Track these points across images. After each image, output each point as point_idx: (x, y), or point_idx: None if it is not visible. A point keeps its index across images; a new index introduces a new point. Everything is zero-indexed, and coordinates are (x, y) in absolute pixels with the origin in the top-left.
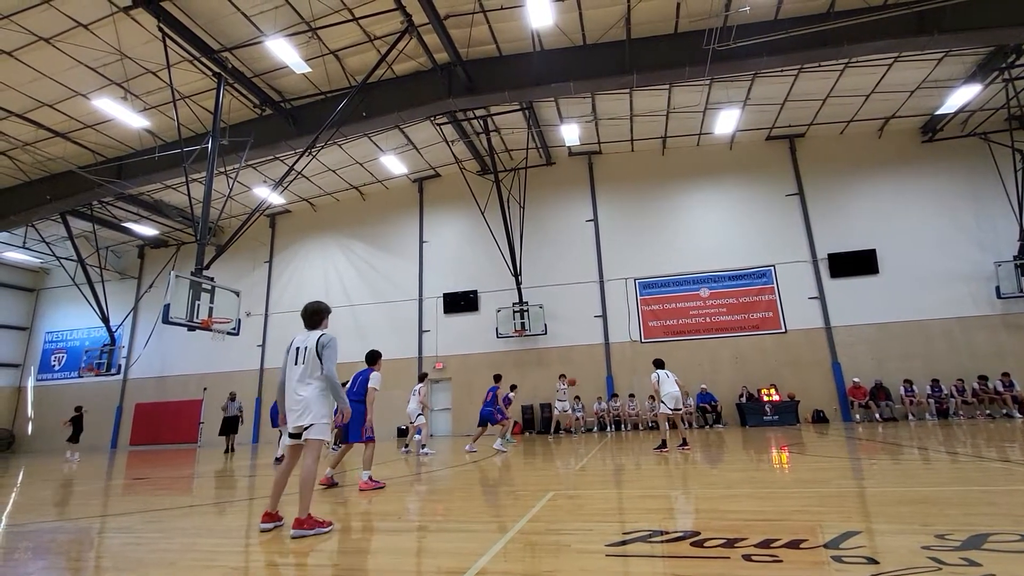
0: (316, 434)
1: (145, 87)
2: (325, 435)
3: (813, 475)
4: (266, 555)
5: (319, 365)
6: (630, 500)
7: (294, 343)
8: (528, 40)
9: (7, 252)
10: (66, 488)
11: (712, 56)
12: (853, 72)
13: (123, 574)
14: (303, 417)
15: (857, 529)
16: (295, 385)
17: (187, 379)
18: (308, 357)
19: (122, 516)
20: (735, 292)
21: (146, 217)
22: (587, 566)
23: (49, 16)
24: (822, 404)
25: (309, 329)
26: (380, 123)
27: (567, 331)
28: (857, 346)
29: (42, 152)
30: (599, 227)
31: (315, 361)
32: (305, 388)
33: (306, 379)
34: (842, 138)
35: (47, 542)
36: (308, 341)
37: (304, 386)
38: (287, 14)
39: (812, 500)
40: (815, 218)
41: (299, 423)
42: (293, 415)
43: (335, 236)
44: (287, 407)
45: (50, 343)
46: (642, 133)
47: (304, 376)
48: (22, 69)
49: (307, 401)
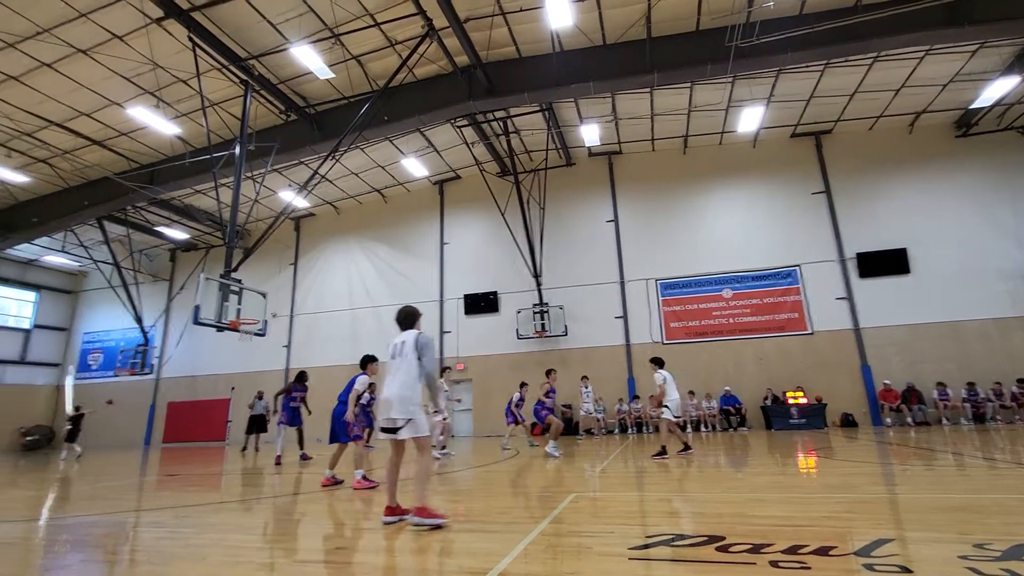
0: (410, 431)
1: (176, 95)
2: (423, 431)
3: (842, 480)
4: (290, 552)
5: (417, 363)
6: (652, 503)
7: (393, 340)
8: (547, 41)
9: (48, 256)
10: (102, 483)
11: (735, 53)
12: (882, 66)
13: (157, 567)
14: (395, 412)
15: (889, 537)
16: (391, 380)
17: (216, 379)
18: (406, 352)
19: (155, 511)
20: (759, 292)
21: (177, 221)
22: (610, 569)
23: (87, 28)
24: (851, 407)
25: (404, 330)
26: (401, 126)
27: (588, 332)
28: (887, 348)
29: (80, 159)
30: (619, 228)
31: (414, 358)
32: (401, 385)
33: (403, 375)
34: (871, 134)
35: (85, 535)
36: (407, 338)
37: (398, 385)
38: (311, 21)
39: (841, 506)
40: (843, 217)
41: (388, 417)
42: (385, 409)
43: (358, 238)
44: (382, 400)
45: (88, 343)
46: (663, 132)
47: (401, 372)
48: (62, 80)
49: (403, 398)
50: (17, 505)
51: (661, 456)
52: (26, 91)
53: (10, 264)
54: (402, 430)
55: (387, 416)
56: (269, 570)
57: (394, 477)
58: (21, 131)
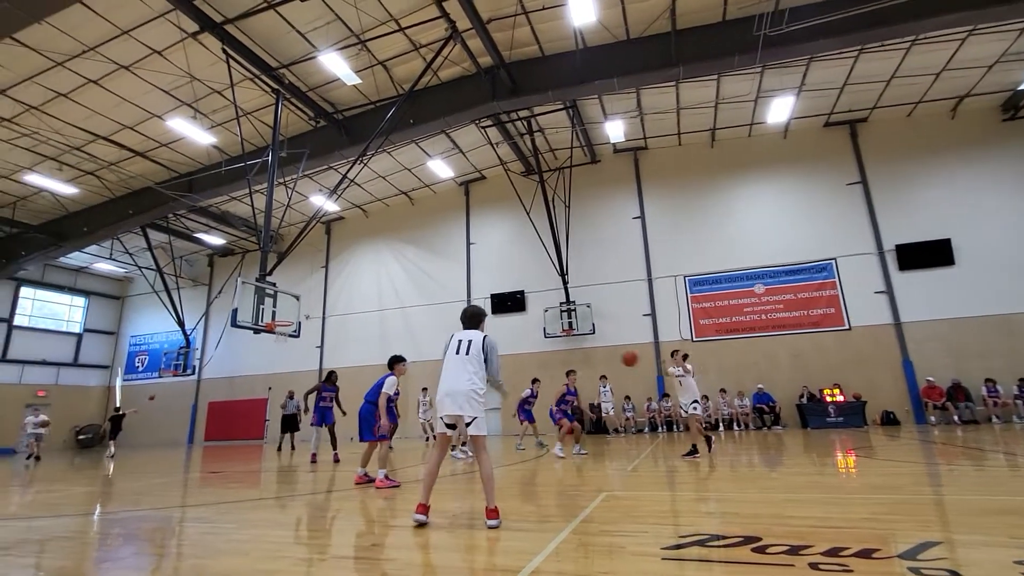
0: (476, 430)
1: (212, 106)
2: (483, 430)
3: (884, 480)
4: (327, 548)
5: (484, 364)
6: (685, 503)
7: (455, 336)
8: (570, 39)
9: (97, 263)
10: (150, 480)
11: (764, 42)
12: (921, 49)
13: (202, 561)
14: (463, 408)
15: (936, 540)
16: (456, 375)
17: (254, 379)
18: (473, 352)
19: (199, 507)
20: (793, 288)
21: (214, 227)
22: (643, 569)
23: (129, 45)
24: (892, 405)
25: (468, 328)
26: (427, 129)
27: (615, 330)
28: (931, 343)
29: (124, 171)
30: (646, 224)
31: (480, 359)
32: (470, 382)
33: (469, 373)
34: (910, 121)
35: (135, 529)
36: (474, 337)
37: (465, 381)
38: (338, 29)
39: (884, 507)
40: (880, 207)
41: (455, 412)
42: (452, 404)
43: (386, 240)
44: (444, 394)
45: (134, 346)
46: (689, 126)
47: (467, 370)
48: (106, 95)
49: (471, 396)
50: (74, 500)
51: (692, 455)
52: (74, 107)
53: (63, 272)
54: (470, 426)
55: (453, 411)
56: (307, 565)
57: (435, 476)
58: (71, 145)
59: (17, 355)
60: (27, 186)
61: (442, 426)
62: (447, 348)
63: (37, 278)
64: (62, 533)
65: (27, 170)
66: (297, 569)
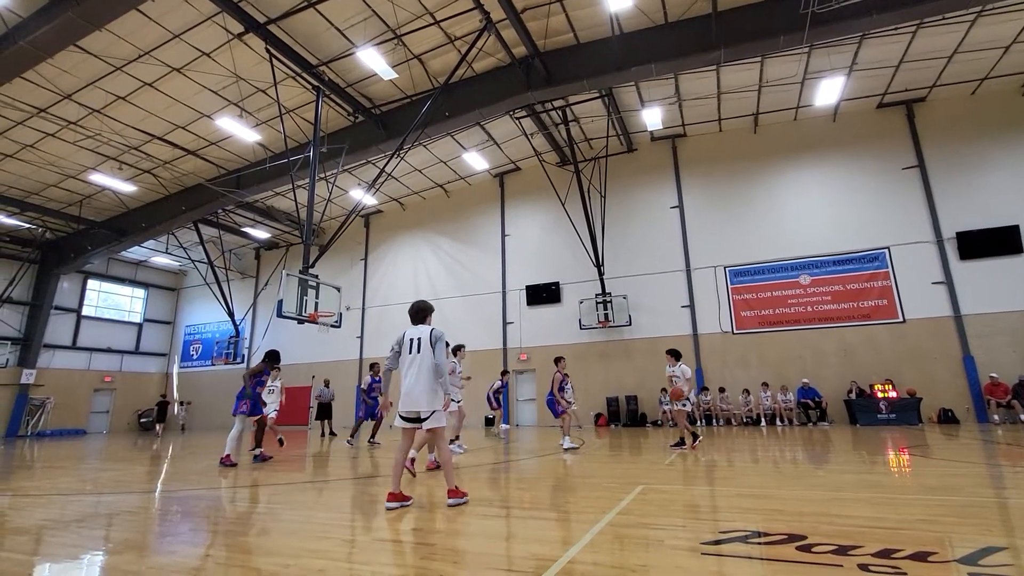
0: (435, 423)
1: (256, 104)
2: (441, 421)
3: (941, 481)
4: (369, 530)
5: (432, 356)
6: (725, 498)
7: (407, 335)
8: (606, 25)
9: (155, 257)
10: (205, 462)
11: (811, 20)
12: (987, 21)
13: (253, 539)
14: (419, 404)
15: (1000, 545)
16: (410, 373)
17: (298, 367)
18: (424, 348)
19: (249, 488)
20: (841, 278)
21: (260, 222)
22: (681, 564)
23: (180, 48)
24: (950, 402)
25: (416, 324)
26: (462, 121)
27: (653, 322)
28: (995, 337)
29: (178, 169)
30: (684, 214)
31: (431, 353)
32: (426, 379)
33: (424, 370)
34: (974, 99)
35: (193, 507)
36: (423, 334)
37: (425, 377)
38: (375, 24)
39: (940, 509)
40: (939, 193)
41: (413, 409)
42: (409, 402)
43: (423, 233)
44: (403, 392)
45: (189, 335)
46: (731, 111)
47: (421, 367)
48: (161, 97)
49: (428, 391)
50: (138, 479)
51: (680, 447)
52: (132, 109)
53: (124, 265)
54: (428, 420)
55: (410, 408)
56: (350, 546)
57: (403, 465)
58: (129, 145)
59: (85, 343)
60: (91, 185)
61: (400, 421)
62: (400, 346)
63: (102, 271)
64: (128, 508)
65: (91, 170)
66: (340, 550)
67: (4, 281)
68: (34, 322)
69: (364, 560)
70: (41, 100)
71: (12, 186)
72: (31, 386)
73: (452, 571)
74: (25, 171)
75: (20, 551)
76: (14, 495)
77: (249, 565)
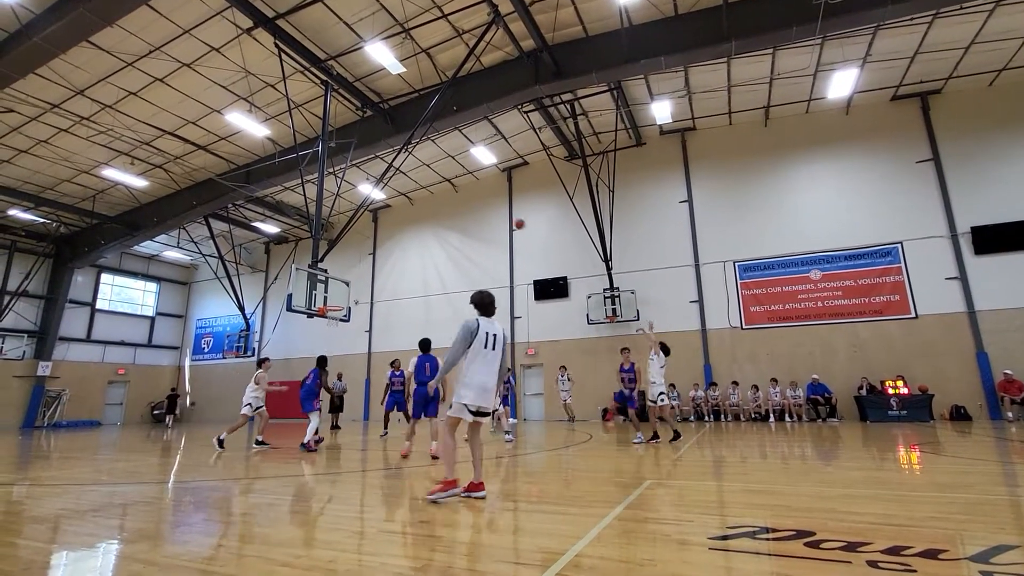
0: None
1: (265, 99)
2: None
3: (952, 479)
4: (379, 522)
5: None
6: (733, 494)
7: (483, 327)
8: (615, 17)
9: (166, 251)
10: (217, 453)
11: (824, 10)
12: (1006, 10)
13: (265, 529)
14: (492, 401)
15: (1012, 543)
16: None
17: (308, 361)
18: (498, 346)
19: (261, 479)
20: (853, 273)
21: (270, 216)
22: (688, 559)
23: (190, 44)
24: (963, 399)
25: (488, 316)
26: (470, 115)
27: (661, 317)
28: (1010, 333)
29: (188, 164)
30: (693, 208)
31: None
32: (494, 375)
33: (496, 367)
34: (991, 91)
35: (205, 498)
36: (498, 331)
37: (492, 373)
38: (383, 18)
39: (952, 507)
40: (954, 187)
41: (487, 406)
42: (485, 397)
43: (431, 227)
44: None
45: (200, 328)
46: (741, 104)
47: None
48: (171, 93)
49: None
50: (151, 470)
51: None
52: (143, 104)
53: (137, 259)
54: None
55: (487, 404)
56: (360, 538)
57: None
58: (141, 140)
59: (99, 336)
60: (104, 180)
61: (469, 415)
62: (474, 338)
63: (115, 265)
64: (142, 499)
65: (104, 165)
66: (350, 541)
67: (20, 275)
68: (49, 315)
69: (373, 551)
70: (54, 96)
71: (27, 181)
72: (47, 378)
73: (460, 563)
74: (40, 166)
75: (38, 539)
76: (32, 484)
77: (261, 555)
